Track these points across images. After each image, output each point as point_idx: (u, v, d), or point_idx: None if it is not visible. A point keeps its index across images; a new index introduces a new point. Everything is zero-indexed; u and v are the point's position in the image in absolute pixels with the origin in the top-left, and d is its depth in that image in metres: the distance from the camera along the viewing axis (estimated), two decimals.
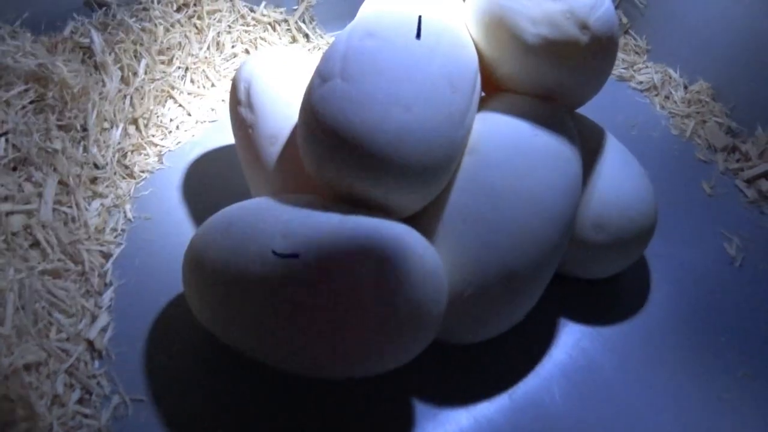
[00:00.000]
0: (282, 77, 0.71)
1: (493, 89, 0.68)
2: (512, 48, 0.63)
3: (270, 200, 0.60)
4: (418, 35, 0.59)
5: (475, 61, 0.64)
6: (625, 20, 1.11)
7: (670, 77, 1.03)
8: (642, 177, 0.70)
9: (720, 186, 0.87)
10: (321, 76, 0.58)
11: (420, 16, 0.61)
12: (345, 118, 0.55)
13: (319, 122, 0.56)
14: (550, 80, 0.64)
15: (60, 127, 0.77)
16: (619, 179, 0.68)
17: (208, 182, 0.83)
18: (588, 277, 0.72)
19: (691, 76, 1.01)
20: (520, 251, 0.58)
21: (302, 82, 0.64)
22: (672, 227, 0.80)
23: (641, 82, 1.04)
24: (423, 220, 0.60)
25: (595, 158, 0.69)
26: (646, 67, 1.06)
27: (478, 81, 0.63)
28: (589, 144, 0.69)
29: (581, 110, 0.72)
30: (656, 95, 1.01)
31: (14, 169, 0.72)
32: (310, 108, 0.57)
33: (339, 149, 0.55)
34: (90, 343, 0.65)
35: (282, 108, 0.68)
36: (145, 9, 0.93)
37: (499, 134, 0.62)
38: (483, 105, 0.66)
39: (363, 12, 0.75)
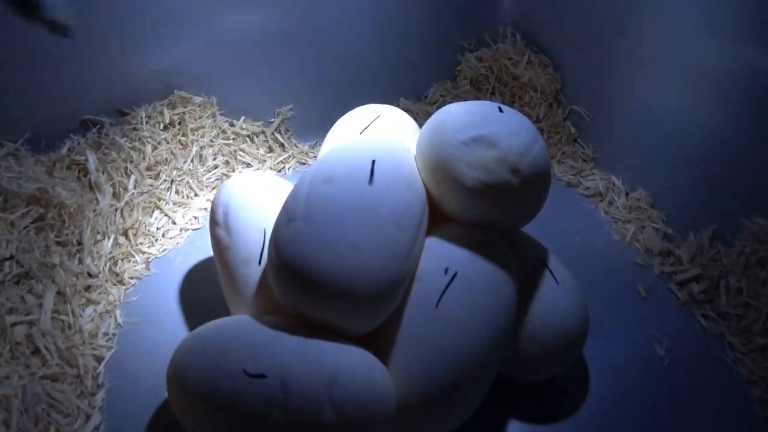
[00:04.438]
0: (256, 204, 0.78)
1: (441, 219, 0.75)
2: (453, 189, 0.71)
3: (242, 321, 0.68)
4: (371, 180, 0.68)
5: (421, 200, 0.72)
6: (573, 130, 1.19)
7: (614, 185, 1.10)
8: (575, 292, 0.77)
9: (654, 289, 0.94)
10: (287, 215, 0.67)
11: (373, 161, 0.69)
12: (305, 258, 0.64)
13: (284, 259, 0.65)
14: (487, 215, 0.73)
15: (58, 243, 0.85)
16: (553, 296, 0.75)
17: (192, 286, 0.91)
18: (526, 380, 0.78)
19: (631, 184, 1.08)
20: (458, 366, 0.66)
21: (274, 208, 0.72)
22: (608, 329, 0.86)
23: (588, 188, 1.11)
24: (375, 339, 0.68)
25: (533, 277, 0.76)
26: (592, 174, 1.13)
27: (424, 217, 0.72)
28: (527, 263, 0.77)
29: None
30: (601, 201, 1.09)
31: (17, 282, 0.79)
32: (276, 245, 0.66)
33: (300, 283, 0.64)
34: None
35: (255, 234, 0.75)
36: (135, 129, 1.01)
37: (442, 264, 0.70)
38: (431, 233, 0.74)
39: (331, 138, 0.86)
